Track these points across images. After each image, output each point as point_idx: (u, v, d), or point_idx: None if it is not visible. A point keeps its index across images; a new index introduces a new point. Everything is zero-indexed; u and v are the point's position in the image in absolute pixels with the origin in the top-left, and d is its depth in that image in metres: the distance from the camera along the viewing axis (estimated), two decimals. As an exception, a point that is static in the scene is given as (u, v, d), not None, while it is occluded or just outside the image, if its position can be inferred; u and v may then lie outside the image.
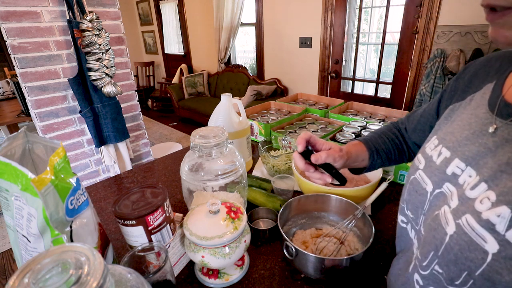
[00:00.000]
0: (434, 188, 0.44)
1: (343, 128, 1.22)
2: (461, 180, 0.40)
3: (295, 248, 0.57)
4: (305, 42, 3.13)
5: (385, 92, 2.86)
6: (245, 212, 0.62)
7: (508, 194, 0.32)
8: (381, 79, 2.78)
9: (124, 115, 1.87)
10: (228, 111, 1.00)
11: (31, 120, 2.23)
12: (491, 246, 0.33)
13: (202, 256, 0.56)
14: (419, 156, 0.50)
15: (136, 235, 0.57)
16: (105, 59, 1.58)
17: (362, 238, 0.67)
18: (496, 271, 0.32)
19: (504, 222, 0.32)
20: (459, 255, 0.36)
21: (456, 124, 0.46)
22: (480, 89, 0.45)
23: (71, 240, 0.49)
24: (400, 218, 0.54)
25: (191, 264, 0.68)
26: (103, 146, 1.80)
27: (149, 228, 0.57)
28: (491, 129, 0.38)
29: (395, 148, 0.69)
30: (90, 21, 1.49)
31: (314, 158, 0.59)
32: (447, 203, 0.41)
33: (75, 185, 0.50)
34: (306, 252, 0.56)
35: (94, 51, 1.53)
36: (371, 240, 0.58)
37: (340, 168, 0.62)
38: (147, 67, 5.54)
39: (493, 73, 0.45)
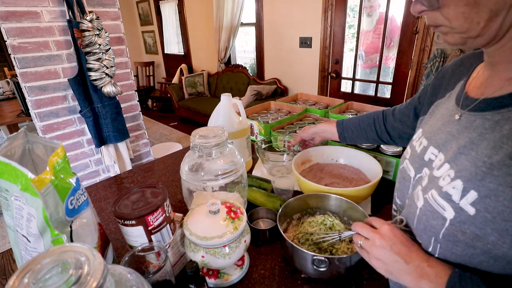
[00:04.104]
0: (416, 174, 0.51)
1: (343, 128, 1.22)
2: (434, 164, 0.46)
3: (294, 246, 0.57)
4: (305, 42, 3.13)
5: (385, 92, 2.86)
6: (245, 212, 0.62)
7: (462, 170, 0.39)
8: (381, 79, 2.78)
9: (124, 115, 1.87)
10: (228, 111, 1.00)
11: (31, 120, 2.23)
12: (449, 213, 0.39)
13: (202, 256, 0.56)
14: (408, 147, 0.57)
15: (136, 235, 0.57)
16: (105, 59, 1.58)
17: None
18: (452, 233, 0.39)
19: (458, 193, 0.38)
20: (426, 224, 0.43)
21: (435, 117, 0.53)
22: (455, 86, 0.52)
23: (71, 240, 0.49)
24: (392, 208, 0.60)
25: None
26: (103, 146, 1.80)
27: (149, 228, 0.57)
28: (456, 117, 0.45)
29: (371, 127, 0.85)
30: (90, 21, 1.49)
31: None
32: (421, 183, 0.48)
33: (75, 185, 0.50)
34: (305, 251, 0.56)
35: (94, 51, 1.53)
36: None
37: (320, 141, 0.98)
38: (147, 67, 5.53)
39: (465, 72, 0.52)
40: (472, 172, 0.38)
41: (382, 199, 0.89)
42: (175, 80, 4.91)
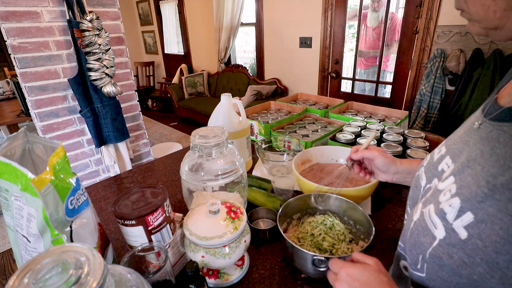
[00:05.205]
0: (426, 183, 0.47)
1: (343, 128, 1.22)
2: (444, 175, 0.42)
3: (294, 246, 0.57)
4: (305, 42, 3.13)
5: (385, 92, 2.87)
6: (245, 212, 0.62)
7: (463, 187, 0.35)
8: (381, 79, 2.78)
9: (124, 115, 1.87)
10: (228, 111, 1.00)
11: (31, 120, 2.23)
12: (440, 232, 0.36)
13: (202, 256, 0.56)
14: (428, 154, 0.53)
15: (136, 235, 0.57)
16: (105, 59, 1.58)
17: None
18: (438, 255, 0.36)
19: (454, 212, 0.35)
20: (416, 239, 0.41)
21: (462, 125, 0.48)
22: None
23: (71, 240, 0.49)
24: (404, 218, 0.56)
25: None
26: (103, 146, 1.80)
27: (149, 228, 0.57)
28: (476, 124, 0.40)
29: None
30: (90, 21, 1.49)
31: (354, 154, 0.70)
32: (426, 196, 0.45)
33: (75, 185, 0.50)
34: (305, 251, 0.56)
35: (94, 51, 1.53)
36: (371, 238, 0.58)
37: (385, 171, 0.68)
38: (147, 67, 5.53)
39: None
40: (473, 191, 0.33)
41: (382, 199, 0.89)
42: (175, 80, 4.91)
